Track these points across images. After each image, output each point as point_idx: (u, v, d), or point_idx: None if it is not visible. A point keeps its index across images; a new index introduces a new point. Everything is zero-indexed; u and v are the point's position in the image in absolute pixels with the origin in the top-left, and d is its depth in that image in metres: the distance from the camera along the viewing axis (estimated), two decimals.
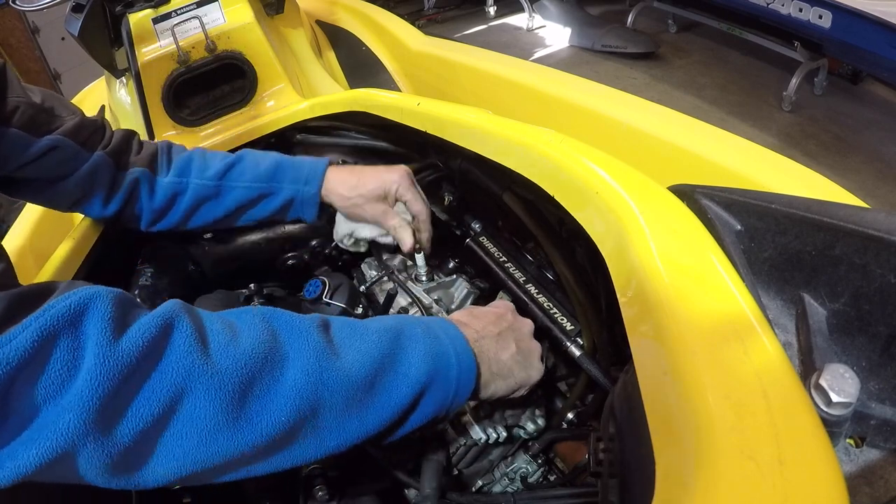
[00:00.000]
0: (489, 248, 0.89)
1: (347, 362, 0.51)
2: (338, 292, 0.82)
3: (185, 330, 0.46)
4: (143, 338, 0.43)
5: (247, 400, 0.46)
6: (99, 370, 0.40)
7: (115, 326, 0.42)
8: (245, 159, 0.89)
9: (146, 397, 0.43)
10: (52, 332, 0.40)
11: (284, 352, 0.49)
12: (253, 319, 0.51)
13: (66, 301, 0.42)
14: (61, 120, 0.76)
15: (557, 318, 0.77)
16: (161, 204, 0.85)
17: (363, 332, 0.54)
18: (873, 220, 0.42)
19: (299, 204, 0.89)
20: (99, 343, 0.41)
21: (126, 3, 1.24)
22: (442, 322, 0.60)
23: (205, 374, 0.45)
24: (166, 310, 0.47)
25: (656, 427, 0.40)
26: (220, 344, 0.47)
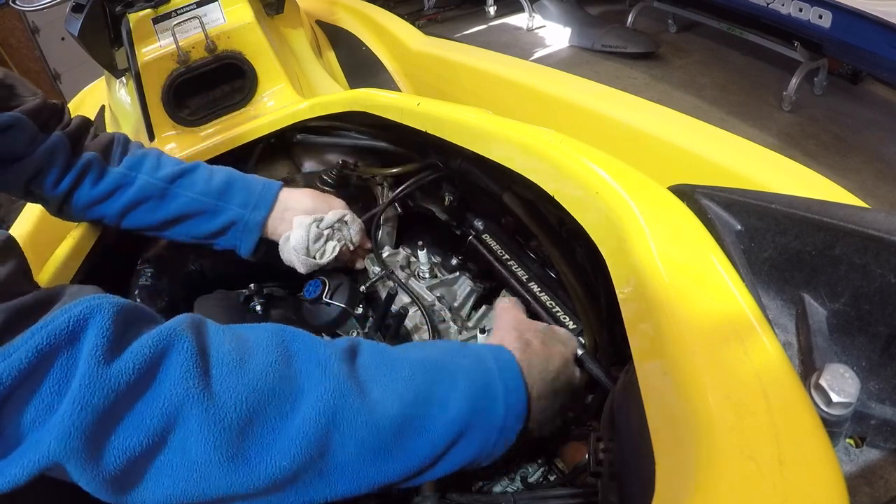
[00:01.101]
0: (492, 245, 0.89)
1: (371, 401, 0.44)
2: (338, 292, 0.82)
3: (183, 353, 0.42)
4: (135, 362, 0.40)
5: (246, 437, 0.42)
6: (83, 394, 0.38)
7: (109, 347, 0.40)
8: (198, 170, 0.87)
9: (134, 425, 0.40)
10: (50, 349, 0.38)
11: (298, 384, 0.44)
12: (269, 342, 0.46)
13: (66, 315, 0.40)
14: (22, 99, 0.76)
15: (560, 317, 0.77)
16: (102, 192, 0.82)
17: (396, 364, 0.47)
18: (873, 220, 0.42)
19: (241, 228, 0.86)
20: (88, 365, 0.39)
21: (126, 3, 1.24)
22: (498, 351, 0.52)
23: (199, 405, 0.41)
24: (168, 329, 0.43)
25: (656, 427, 0.40)
26: (224, 371, 0.43)
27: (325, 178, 1.12)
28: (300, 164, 1.27)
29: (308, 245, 0.87)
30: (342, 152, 1.21)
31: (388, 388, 0.45)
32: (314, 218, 0.88)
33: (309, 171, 1.23)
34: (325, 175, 1.12)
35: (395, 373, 0.46)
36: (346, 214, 0.91)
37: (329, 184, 1.11)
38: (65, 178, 0.80)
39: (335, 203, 0.94)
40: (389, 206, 1.03)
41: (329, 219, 0.89)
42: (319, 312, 0.83)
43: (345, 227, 0.92)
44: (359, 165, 1.15)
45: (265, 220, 0.88)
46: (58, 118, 0.80)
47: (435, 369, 0.48)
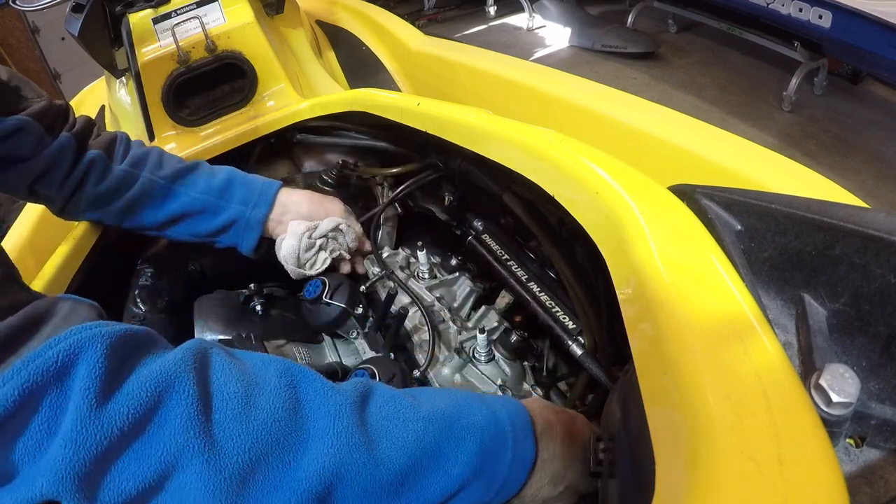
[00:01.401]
0: (491, 245, 0.89)
1: (379, 453, 0.43)
2: (338, 292, 0.82)
3: (184, 398, 0.40)
4: (131, 406, 0.38)
5: (247, 486, 0.40)
6: (75, 437, 0.36)
7: (102, 387, 0.38)
8: (200, 168, 0.87)
9: (130, 470, 0.38)
10: (37, 387, 0.36)
11: (304, 433, 0.42)
12: (278, 384, 0.44)
13: (55, 350, 0.37)
14: (28, 101, 0.75)
15: (559, 317, 0.77)
16: (106, 190, 0.82)
17: (408, 416, 0.46)
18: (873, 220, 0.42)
19: (242, 226, 0.87)
20: (80, 407, 0.37)
21: (126, 3, 1.24)
22: (518, 412, 0.50)
23: (201, 455, 0.39)
24: (168, 368, 0.41)
25: (656, 427, 0.40)
26: (228, 417, 0.41)
27: (325, 178, 1.12)
28: (300, 164, 1.27)
29: (299, 255, 0.87)
30: (342, 152, 1.21)
31: (397, 442, 0.44)
32: (307, 227, 0.87)
33: (309, 171, 1.23)
34: (325, 175, 1.12)
35: (405, 426, 0.45)
36: (341, 223, 0.91)
37: (329, 184, 1.11)
38: (70, 177, 0.80)
39: (332, 208, 0.93)
40: (389, 206, 1.03)
41: (323, 228, 0.89)
42: (319, 312, 0.83)
43: (340, 236, 0.91)
44: (359, 165, 1.15)
45: (266, 218, 0.88)
46: (63, 119, 0.80)
47: (446, 424, 0.47)
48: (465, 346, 0.80)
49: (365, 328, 0.84)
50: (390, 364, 0.72)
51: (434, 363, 0.77)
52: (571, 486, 0.53)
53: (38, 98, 0.77)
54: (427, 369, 0.76)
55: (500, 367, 0.77)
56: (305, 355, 0.83)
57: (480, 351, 0.77)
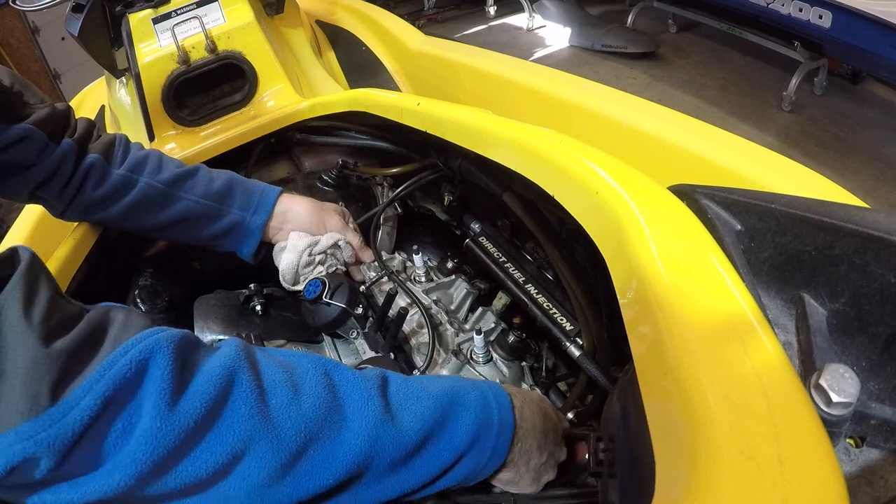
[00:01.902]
0: (488, 248, 0.89)
1: (402, 426, 0.50)
2: (338, 292, 0.82)
3: (245, 388, 0.45)
4: (203, 401, 0.43)
5: (301, 460, 0.46)
6: (154, 436, 0.40)
7: (174, 388, 0.42)
8: (199, 172, 0.87)
9: (202, 458, 0.43)
10: (115, 394, 0.40)
11: (344, 412, 0.49)
12: (315, 372, 0.50)
13: (127, 357, 0.41)
14: (31, 108, 0.75)
15: (557, 319, 0.77)
16: (104, 195, 0.82)
17: (420, 394, 0.53)
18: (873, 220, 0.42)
19: (242, 231, 0.87)
20: (156, 407, 0.41)
21: (126, 3, 1.24)
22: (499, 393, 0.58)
23: (265, 438, 0.44)
24: (227, 362, 0.46)
25: (656, 427, 0.40)
26: (282, 403, 0.46)
27: (325, 178, 1.12)
28: (300, 164, 1.27)
29: (297, 270, 0.88)
30: (342, 152, 1.21)
31: (416, 414, 0.51)
32: (308, 243, 0.87)
33: (309, 171, 1.23)
34: (325, 175, 1.12)
35: (419, 402, 0.52)
36: (339, 239, 0.90)
37: (329, 184, 1.11)
38: (70, 182, 0.80)
39: (332, 223, 0.93)
40: (389, 206, 1.03)
41: (322, 245, 0.89)
42: (319, 312, 0.83)
43: (338, 252, 0.91)
44: (359, 165, 1.15)
45: (265, 225, 0.88)
46: (65, 124, 0.80)
47: (449, 401, 0.54)
48: (462, 347, 0.80)
49: (365, 328, 0.84)
50: (390, 364, 0.72)
51: (432, 365, 0.77)
52: (553, 453, 0.60)
53: (41, 103, 0.77)
54: (426, 371, 0.76)
55: (497, 368, 0.77)
56: None
57: (478, 352, 0.77)
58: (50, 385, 0.38)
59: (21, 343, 0.39)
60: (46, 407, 0.38)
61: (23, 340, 0.39)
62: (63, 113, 0.80)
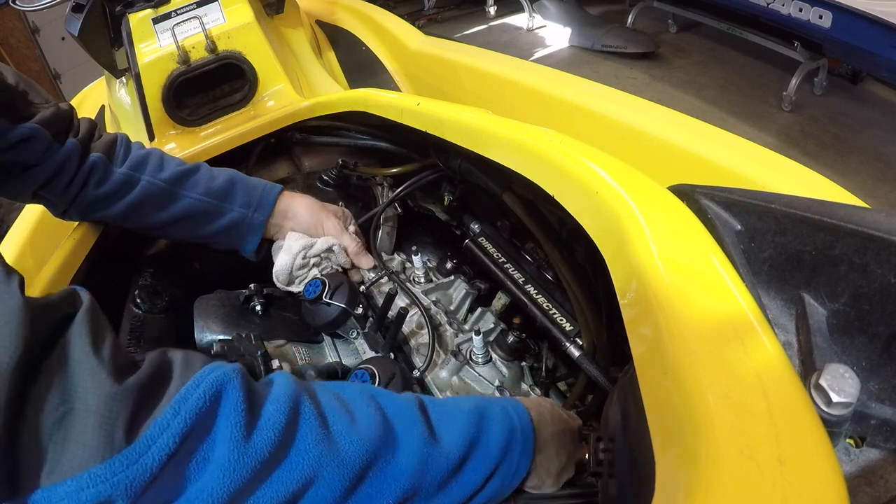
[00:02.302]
0: (488, 248, 0.89)
1: (445, 444, 0.52)
2: (338, 292, 0.82)
3: (310, 415, 0.46)
4: (275, 431, 0.43)
5: (363, 483, 0.48)
6: (231, 468, 0.41)
7: (246, 420, 0.42)
8: (200, 170, 0.87)
9: (276, 487, 0.44)
10: (191, 429, 0.40)
11: (396, 435, 0.50)
12: (363, 398, 0.51)
13: (200, 389, 0.41)
14: (36, 107, 0.75)
15: (557, 319, 0.77)
16: (106, 194, 0.82)
17: (455, 413, 0.55)
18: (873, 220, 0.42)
19: (244, 228, 0.87)
20: (232, 439, 0.41)
21: (126, 3, 1.24)
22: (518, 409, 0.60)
23: (332, 463, 0.46)
24: (290, 390, 0.47)
25: (656, 427, 0.40)
26: (342, 429, 0.48)
27: (325, 178, 1.12)
28: (300, 164, 1.27)
29: (291, 271, 0.88)
30: (342, 152, 1.21)
31: (454, 433, 0.53)
32: (303, 245, 0.88)
33: (309, 171, 1.23)
34: (325, 175, 1.12)
35: (455, 420, 0.54)
36: (334, 244, 0.90)
37: (329, 184, 1.11)
38: (73, 181, 0.80)
39: (329, 225, 0.92)
40: (389, 206, 1.03)
41: (317, 248, 0.89)
42: (319, 312, 0.83)
43: (332, 256, 0.91)
44: (359, 165, 1.15)
45: (266, 222, 0.88)
46: (69, 124, 0.80)
47: (480, 417, 0.56)
48: (461, 348, 0.80)
49: (365, 328, 0.84)
50: (390, 364, 0.72)
51: (431, 366, 0.77)
52: (571, 453, 0.61)
53: (45, 103, 0.77)
54: (425, 371, 0.76)
55: (497, 369, 0.77)
56: (305, 355, 0.83)
57: (477, 353, 0.77)
58: (125, 423, 0.38)
59: (92, 379, 0.38)
60: (122, 447, 0.37)
61: (94, 376, 0.38)
62: (67, 113, 0.80)
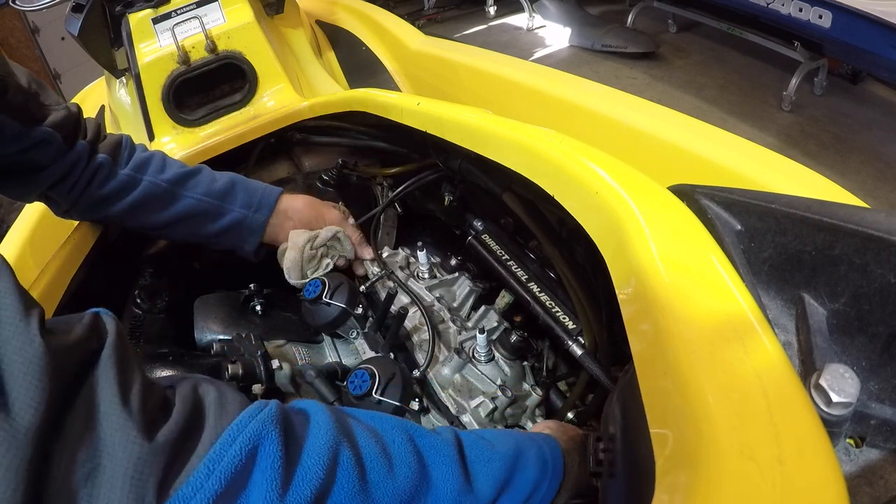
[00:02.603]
0: (491, 245, 0.89)
1: (478, 490, 0.52)
2: (338, 292, 0.82)
3: (348, 466, 0.45)
4: (311, 487, 0.42)
5: None
6: None
7: (283, 477, 0.41)
8: (202, 172, 0.88)
9: None
10: (224, 491, 0.38)
11: (431, 481, 0.50)
12: (401, 439, 0.51)
13: (236, 447, 0.40)
14: (47, 109, 0.75)
15: (559, 317, 0.77)
16: (109, 193, 0.83)
17: (492, 456, 0.55)
18: (873, 220, 0.42)
19: (244, 229, 0.88)
20: (266, 499, 0.40)
21: (126, 3, 1.24)
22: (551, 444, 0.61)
23: None
24: (330, 439, 0.45)
25: (656, 427, 0.40)
26: (379, 478, 0.47)
27: (325, 178, 1.12)
28: (300, 164, 1.27)
29: (302, 265, 0.88)
30: (342, 152, 1.21)
31: (489, 476, 0.53)
32: (307, 238, 0.88)
33: (309, 171, 1.23)
34: (325, 175, 1.12)
35: (491, 465, 0.54)
36: (339, 231, 0.91)
37: (329, 184, 1.11)
38: (79, 182, 0.81)
39: (330, 216, 0.94)
40: (389, 205, 1.03)
41: (322, 237, 0.89)
42: (319, 312, 0.83)
43: (338, 244, 0.92)
44: (358, 165, 1.15)
45: (267, 223, 0.89)
46: (77, 126, 0.80)
47: (514, 461, 0.56)
48: (464, 345, 0.80)
49: (365, 328, 0.84)
50: (390, 364, 0.72)
51: (434, 363, 0.77)
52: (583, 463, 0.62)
53: (56, 105, 0.77)
54: (427, 369, 0.76)
55: (499, 367, 0.77)
56: (305, 355, 0.83)
57: (480, 351, 0.77)
58: (156, 485, 0.36)
59: (122, 436, 0.37)
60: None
61: (124, 433, 0.37)
62: (76, 115, 0.81)
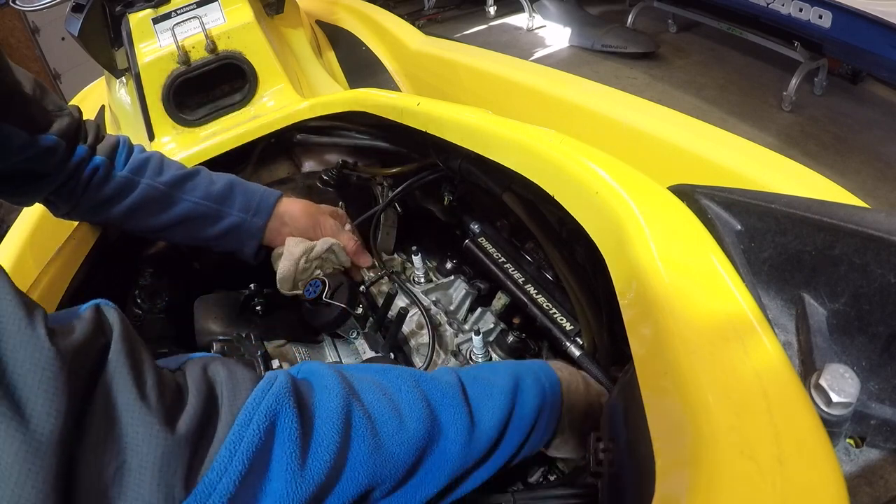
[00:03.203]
0: (488, 248, 0.89)
1: (485, 426, 0.53)
2: (338, 292, 0.82)
3: (361, 425, 0.46)
4: (330, 452, 0.43)
5: (412, 478, 0.49)
6: (289, 499, 0.40)
7: (301, 447, 0.42)
8: (200, 174, 0.88)
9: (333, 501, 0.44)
10: (247, 471, 0.39)
11: (441, 426, 0.51)
12: (408, 388, 0.51)
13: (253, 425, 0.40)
14: (51, 115, 0.75)
15: (557, 319, 0.77)
16: (107, 196, 0.82)
17: (492, 391, 0.56)
18: (873, 220, 0.42)
19: (243, 233, 0.88)
20: (289, 470, 0.41)
21: (126, 3, 1.24)
22: (545, 368, 0.62)
23: (384, 469, 0.46)
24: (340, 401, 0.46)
25: (656, 427, 0.40)
26: (391, 432, 0.48)
27: (325, 177, 1.12)
28: (300, 164, 1.27)
29: (294, 277, 0.88)
30: (342, 152, 1.21)
31: (493, 411, 0.54)
32: (303, 250, 0.88)
33: (309, 171, 1.23)
34: (325, 175, 1.12)
35: (493, 400, 0.55)
36: (334, 244, 0.90)
37: (329, 184, 1.11)
38: (78, 185, 0.80)
39: (327, 225, 0.93)
40: (389, 206, 1.03)
41: (318, 250, 0.89)
42: (319, 312, 0.83)
43: (333, 256, 0.91)
44: (359, 165, 1.15)
45: (265, 227, 0.88)
46: (78, 131, 0.80)
47: (514, 394, 0.57)
48: (461, 348, 0.80)
49: (365, 328, 0.84)
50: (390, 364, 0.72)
51: (431, 366, 0.77)
52: (594, 404, 0.64)
53: (59, 111, 0.77)
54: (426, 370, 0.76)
55: None
56: (305, 355, 0.83)
57: (477, 353, 0.77)
58: (183, 476, 0.37)
59: (145, 431, 0.37)
60: (181, 501, 0.36)
61: (146, 428, 0.37)
62: (78, 120, 0.81)
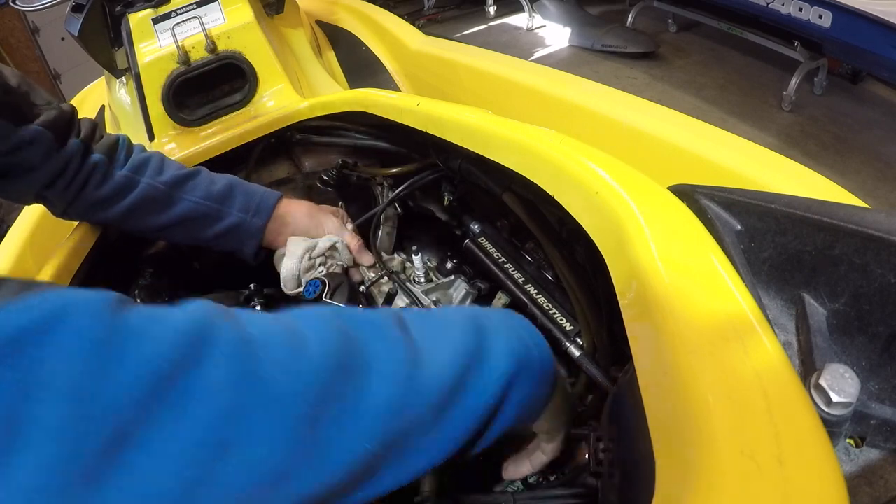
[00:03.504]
0: (488, 248, 0.89)
1: (436, 364, 0.41)
2: (338, 292, 0.82)
3: (224, 344, 0.34)
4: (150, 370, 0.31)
5: (320, 426, 0.35)
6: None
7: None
8: (200, 174, 0.88)
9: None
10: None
11: (365, 358, 0.38)
12: (319, 320, 0.40)
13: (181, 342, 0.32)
14: (38, 108, 0.75)
15: (557, 319, 0.77)
16: (106, 195, 0.82)
17: (444, 325, 0.44)
18: (873, 220, 0.42)
19: (243, 233, 0.88)
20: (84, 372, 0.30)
21: (126, 3, 1.24)
22: (511, 313, 0.51)
23: (259, 408, 0.33)
24: (191, 321, 0.34)
25: (656, 426, 0.40)
26: (282, 357, 0.35)
27: (325, 178, 1.12)
28: (300, 164, 1.27)
29: (298, 275, 0.88)
30: (342, 152, 1.21)
31: (446, 348, 0.42)
32: (305, 248, 0.87)
33: (309, 171, 1.23)
34: (325, 175, 1.12)
35: (446, 333, 0.43)
36: (336, 241, 0.90)
37: (329, 184, 1.11)
38: (74, 181, 0.80)
39: (329, 224, 0.93)
40: (389, 206, 1.03)
41: (320, 248, 0.89)
42: None
43: (336, 253, 0.91)
44: (359, 165, 1.15)
45: (265, 227, 0.88)
46: (70, 125, 0.80)
47: (477, 326, 0.45)
48: None
49: None
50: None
51: None
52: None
53: (47, 104, 0.77)
54: None
55: None
56: None
57: None
58: None
59: None
60: None
61: None
62: (68, 113, 0.80)
